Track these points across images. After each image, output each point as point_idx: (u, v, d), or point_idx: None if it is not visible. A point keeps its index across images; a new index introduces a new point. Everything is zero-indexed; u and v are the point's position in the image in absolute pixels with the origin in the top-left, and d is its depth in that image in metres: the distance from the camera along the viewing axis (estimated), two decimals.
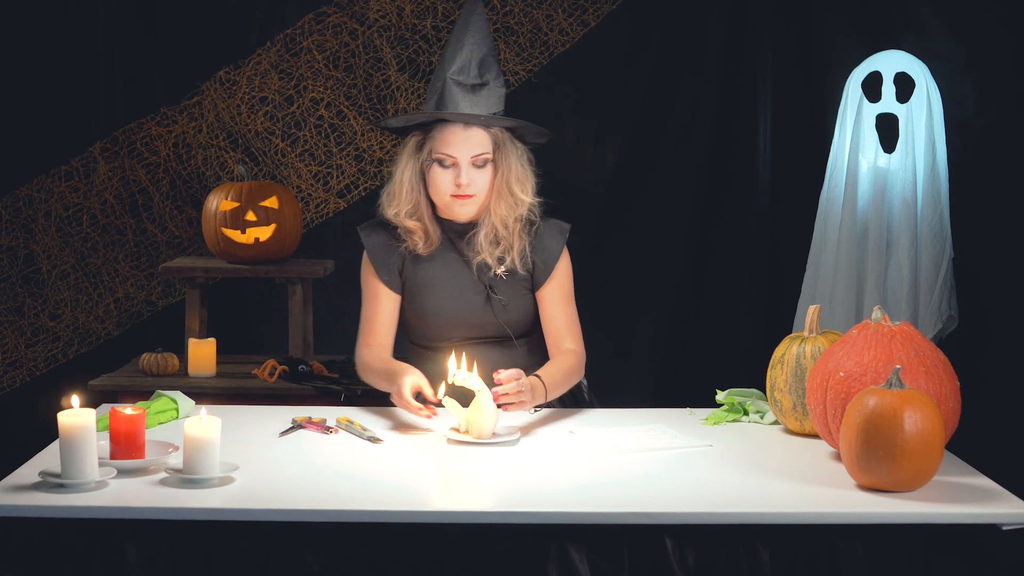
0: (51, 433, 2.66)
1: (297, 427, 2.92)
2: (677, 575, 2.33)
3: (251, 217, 4.33)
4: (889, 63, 4.21)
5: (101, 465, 2.47)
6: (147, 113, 4.72)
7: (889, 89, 4.20)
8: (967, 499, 2.44)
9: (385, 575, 2.34)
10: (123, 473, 2.52)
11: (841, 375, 2.61)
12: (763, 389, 3.04)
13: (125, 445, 2.54)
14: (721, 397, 3.11)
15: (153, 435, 2.81)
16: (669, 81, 4.68)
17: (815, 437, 2.86)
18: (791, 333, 3.19)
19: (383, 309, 3.17)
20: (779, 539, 2.36)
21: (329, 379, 4.13)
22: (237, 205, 4.34)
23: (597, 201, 4.65)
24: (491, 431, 2.80)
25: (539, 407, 3.06)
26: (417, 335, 3.21)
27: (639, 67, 4.69)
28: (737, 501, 2.42)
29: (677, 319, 4.75)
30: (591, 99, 4.66)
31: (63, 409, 2.44)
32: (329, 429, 2.89)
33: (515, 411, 2.88)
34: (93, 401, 3.70)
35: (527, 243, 3.15)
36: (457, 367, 2.87)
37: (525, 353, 3.18)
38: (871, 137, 4.21)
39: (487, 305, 3.14)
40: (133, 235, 4.75)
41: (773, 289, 4.66)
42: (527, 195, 3.14)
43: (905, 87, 4.18)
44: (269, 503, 2.39)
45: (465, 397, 2.89)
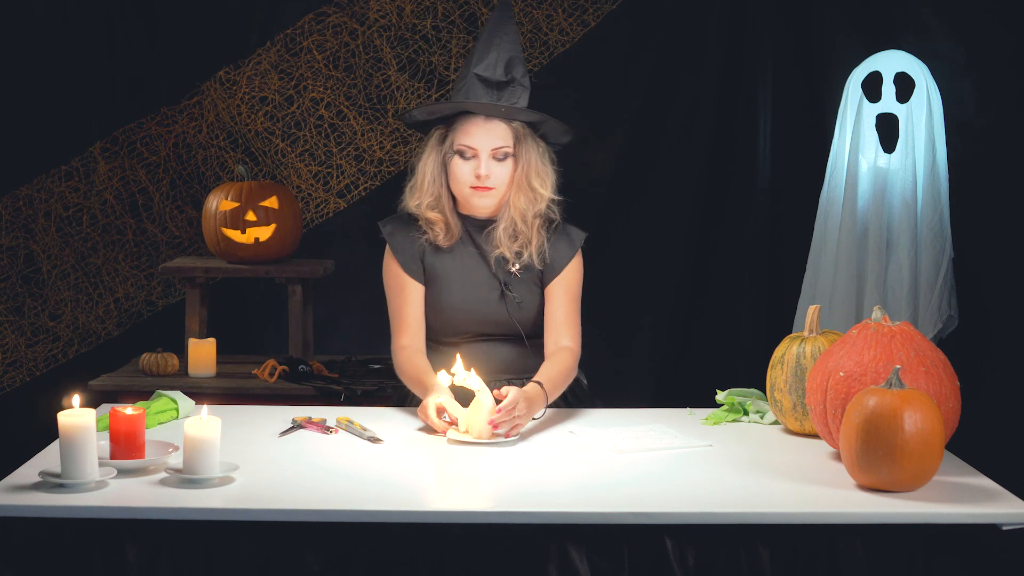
0: (51, 433, 2.66)
1: (297, 427, 2.92)
2: (677, 575, 2.33)
3: (251, 217, 4.33)
4: (889, 63, 4.21)
5: (101, 465, 2.47)
6: (147, 113, 4.72)
7: (889, 89, 4.20)
8: (967, 499, 2.44)
9: (385, 575, 2.34)
10: (123, 473, 2.52)
11: (841, 375, 2.61)
12: (763, 389, 3.04)
13: (125, 445, 2.54)
14: (721, 397, 3.11)
15: (153, 435, 2.81)
16: (669, 81, 4.68)
17: (815, 437, 2.86)
18: (791, 333, 3.19)
19: (412, 300, 3.17)
20: (779, 539, 2.36)
21: (329, 379, 4.13)
22: (237, 205, 4.34)
23: (597, 201, 4.65)
24: (488, 432, 2.80)
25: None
26: (429, 329, 3.21)
27: (639, 67, 4.69)
28: (737, 501, 2.42)
29: (677, 319, 4.75)
30: (591, 99, 4.66)
31: (63, 409, 2.44)
32: (329, 429, 2.89)
33: (515, 432, 2.86)
34: (93, 401, 3.70)
35: (545, 240, 3.16)
36: (456, 367, 2.87)
37: (535, 353, 3.18)
38: (871, 137, 4.21)
39: (501, 302, 3.15)
40: (133, 235, 4.75)
41: (773, 289, 4.66)
42: (546, 190, 3.15)
43: (905, 87, 4.18)
44: (269, 503, 2.39)
45: (465, 397, 2.89)
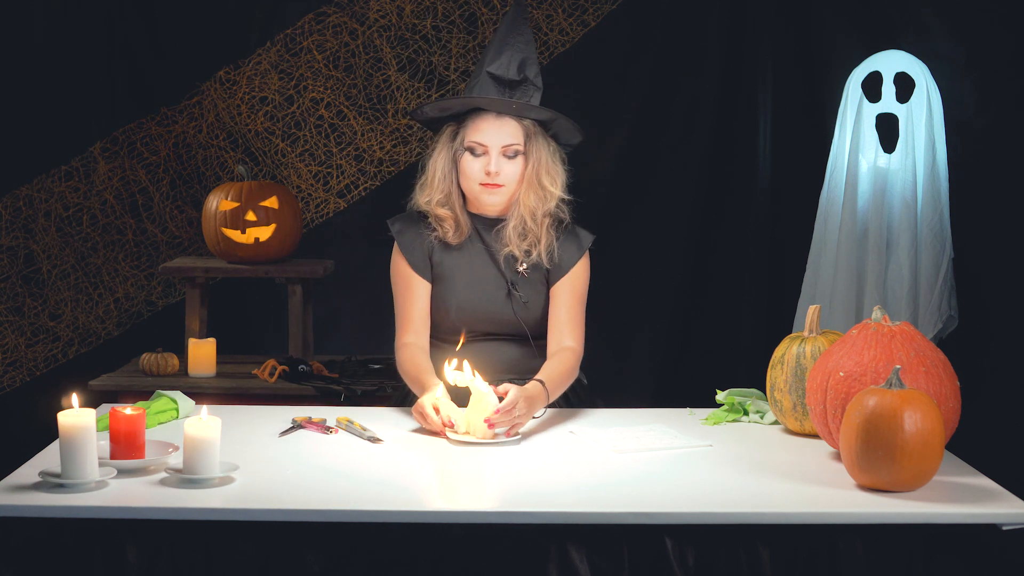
0: (51, 433, 2.66)
1: (297, 427, 2.92)
2: (677, 575, 2.33)
3: (251, 217, 4.33)
4: (889, 63, 4.21)
5: (101, 465, 2.47)
6: (147, 113, 4.72)
7: (889, 89, 4.20)
8: (967, 499, 2.44)
9: (385, 575, 2.34)
10: (123, 473, 2.52)
11: (841, 375, 2.61)
12: (763, 389, 3.04)
13: (125, 445, 2.54)
14: (721, 397, 3.11)
15: (153, 435, 2.81)
16: (669, 81, 4.68)
17: (815, 437, 2.86)
18: (791, 333, 3.19)
19: (417, 298, 3.17)
20: (779, 539, 2.36)
21: (329, 379, 4.13)
22: (237, 205, 4.34)
23: (597, 201, 4.65)
24: (488, 431, 2.80)
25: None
26: (435, 328, 3.22)
27: (639, 67, 4.69)
28: (737, 501, 2.42)
29: (677, 319, 4.75)
30: (591, 99, 4.66)
31: (63, 409, 2.44)
32: (329, 429, 2.89)
33: (516, 431, 2.87)
34: (93, 401, 3.70)
35: (554, 239, 3.17)
36: (452, 368, 2.88)
37: (540, 353, 3.18)
38: (871, 137, 4.21)
39: (508, 301, 3.16)
40: (133, 235, 4.75)
41: (773, 289, 4.66)
42: (556, 188, 3.16)
43: (905, 87, 4.18)
44: (269, 503, 2.39)
45: (464, 398, 2.89)
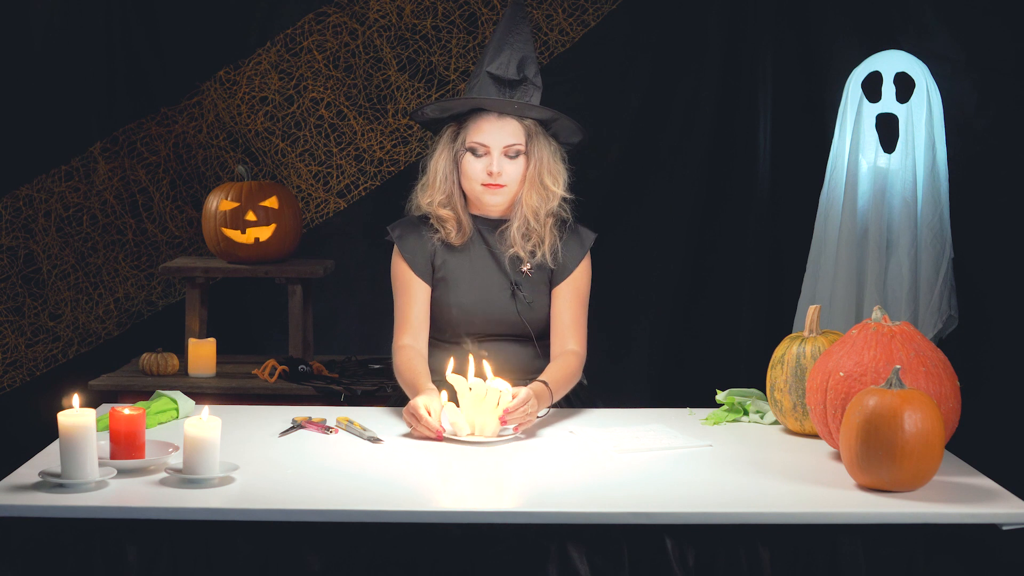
0: (51, 433, 2.66)
1: (297, 427, 2.92)
2: (677, 575, 2.33)
3: (251, 217, 4.33)
4: (889, 63, 4.21)
5: (101, 465, 2.47)
6: (147, 113, 4.72)
7: (889, 89, 4.20)
8: (967, 499, 2.44)
9: (385, 575, 2.34)
10: (123, 473, 2.52)
11: (841, 375, 2.61)
12: (763, 389, 3.04)
13: (125, 445, 2.54)
14: (721, 397, 3.11)
15: (153, 435, 2.81)
16: (669, 81, 4.68)
17: (815, 437, 2.86)
18: (791, 333, 3.19)
19: (416, 301, 3.17)
20: (779, 539, 2.36)
21: (329, 379, 4.14)
22: (237, 205, 4.34)
23: (597, 201, 4.65)
24: (492, 430, 2.81)
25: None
26: (438, 329, 3.21)
27: (639, 67, 4.69)
28: (737, 501, 2.42)
29: (677, 319, 4.75)
30: (591, 99, 4.66)
31: (63, 409, 2.44)
32: (329, 429, 2.89)
33: (524, 427, 2.88)
34: (93, 401, 3.70)
35: (557, 239, 3.17)
36: (450, 369, 2.88)
37: (545, 354, 3.19)
38: (871, 137, 4.21)
39: (511, 302, 3.16)
40: (133, 235, 4.75)
41: (773, 289, 4.66)
42: (559, 188, 3.16)
43: (905, 87, 4.18)
44: (269, 503, 2.39)
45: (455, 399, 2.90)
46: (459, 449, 2.78)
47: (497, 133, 3.11)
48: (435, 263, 3.18)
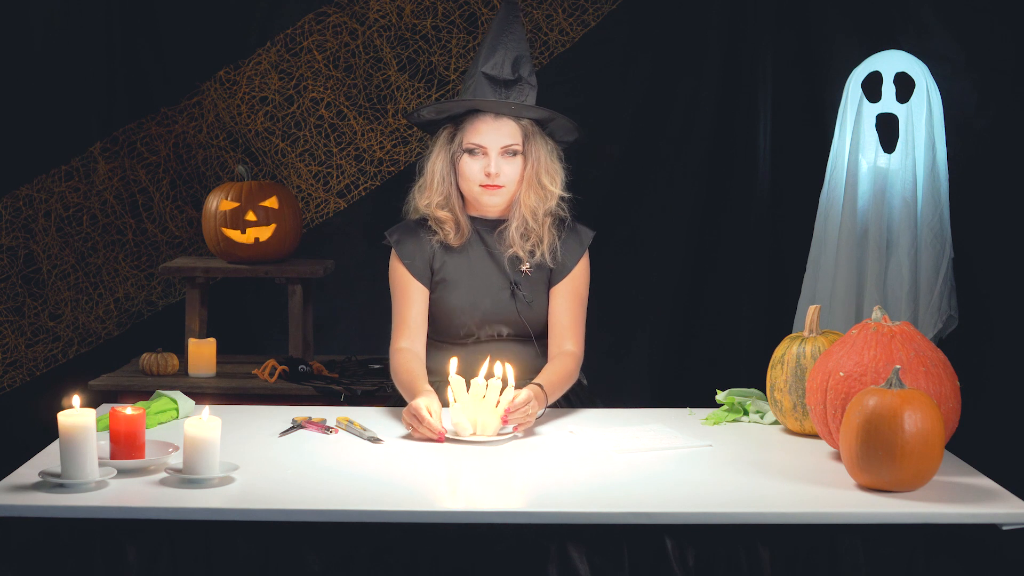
0: (51, 433, 2.66)
1: (297, 427, 2.92)
2: (677, 575, 2.33)
3: (251, 217, 4.33)
4: (889, 63, 4.21)
5: (101, 465, 2.47)
6: (147, 113, 4.72)
7: (889, 89, 4.20)
8: (967, 499, 2.44)
9: (385, 575, 2.34)
10: (123, 473, 2.52)
11: (841, 375, 2.61)
12: (763, 389, 3.04)
13: (125, 445, 2.54)
14: (721, 397, 3.11)
15: (153, 435, 2.81)
16: (669, 81, 4.69)
17: (815, 437, 2.86)
18: (791, 333, 3.19)
19: (414, 303, 3.17)
20: (779, 539, 2.36)
21: (329, 379, 4.14)
22: (237, 205, 4.34)
23: (597, 201, 4.65)
24: (493, 428, 2.81)
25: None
26: (437, 330, 3.21)
27: (639, 67, 4.69)
28: (737, 501, 2.42)
29: (677, 319, 4.75)
30: (591, 99, 4.66)
31: (63, 409, 2.44)
32: (329, 429, 2.89)
33: (524, 428, 2.88)
34: (93, 401, 3.71)
35: (556, 238, 3.17)
36: (453, 371, 2.88)
37: (544, 353, 3.18)
38: (871, 137, 4.21)
39: (511, 302, 3.16)
40: (133, 235, 4.75)
41: (773, 289, 4.66)
42: (556, 187, 3.16)
43: (905, 87, 4.18)
44: (269, 503, 2.39)
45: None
46: (459, 449, 2.78)
47: (494, 134, 3.11)
48: (434, 265, 3.18)
